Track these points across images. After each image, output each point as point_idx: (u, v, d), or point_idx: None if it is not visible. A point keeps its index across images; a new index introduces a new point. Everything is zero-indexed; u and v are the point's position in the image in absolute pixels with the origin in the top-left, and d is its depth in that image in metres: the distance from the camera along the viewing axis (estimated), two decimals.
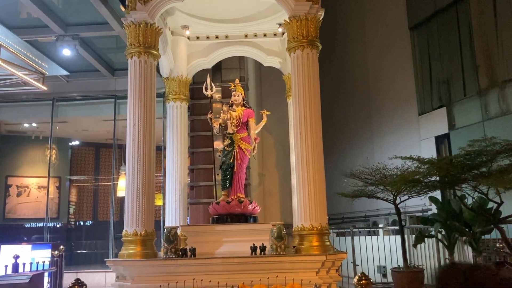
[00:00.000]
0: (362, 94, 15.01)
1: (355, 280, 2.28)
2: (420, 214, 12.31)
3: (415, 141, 12.63)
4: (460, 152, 6.92)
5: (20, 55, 6.05)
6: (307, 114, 5.94)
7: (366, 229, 11.46)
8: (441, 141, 11.84)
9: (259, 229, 6.23)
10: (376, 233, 11.22)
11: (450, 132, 11.45)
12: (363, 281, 2.21)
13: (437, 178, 8.20)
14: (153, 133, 6.09)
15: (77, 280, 2.62)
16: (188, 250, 5.72)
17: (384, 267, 10.59)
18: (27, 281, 3.71)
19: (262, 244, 5.70)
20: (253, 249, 5.67)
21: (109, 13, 7.71)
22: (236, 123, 7.03)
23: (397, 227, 11.25)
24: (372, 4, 14.42)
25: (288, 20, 6.36)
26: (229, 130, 7.07)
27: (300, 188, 5.82)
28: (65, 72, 7.86)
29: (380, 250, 10.57)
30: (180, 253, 5.70)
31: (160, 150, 9.51)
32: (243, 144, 6.99)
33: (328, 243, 5.74)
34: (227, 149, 7.01)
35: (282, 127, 9.33)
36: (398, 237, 10.56)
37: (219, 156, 7.22)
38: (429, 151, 11.34)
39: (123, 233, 5.87)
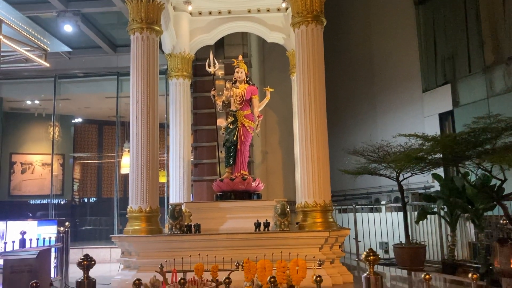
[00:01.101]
0: (365, 71, 14.87)
1: (363, 256, 2.26)
2: (422, 191, 12.35)
3: (418, 118, 12.57)
4: (464, 129, 6.89)
5: (22, 31, 5.95)
6: (311, 90, 5.89)
7: (368, 206, 11.52)
8: (445, 118, 11.78)
9: (263, 205, 6.26)
10: (378, 210, 11.28)
11: (454, 109, 11.38)
12: (371, 257, 2.18)
13: (441, 155, 8.21)
14: (156, 109, 6.06)
15: (86, 255, 2.65)
16: (192, 226, 5.76)
17: (386, 243, 10.68)
18: (34, 256, 3.76)
19: (266, 220, 5.74)
20: (257, 225, 5.71)
21: None
22: (240, 100, 6.99)
23: (399, 204, 11.31)
24: None
25: None
26: (232, 108, 7.04)
27: (304, 165, 5.82)
28: (67, 49, 7.73)
29: (382, 226, 10.65)
30: (185, 229, 5.75)
31: (163, 127, 9.49)
32: (247, 121, 6.97)
33: (331, 220, 5.77)
34: (231, 126, 7.00)
35: (285, 105, 9.28)
36: (400, 214, 10.62)
37: (223, 133, 7.21)
38: (432, 128, 11.31)
39: (128, 209, 5.91)
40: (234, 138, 6.92)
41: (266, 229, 5.72)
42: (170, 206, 5.83)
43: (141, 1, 6.17)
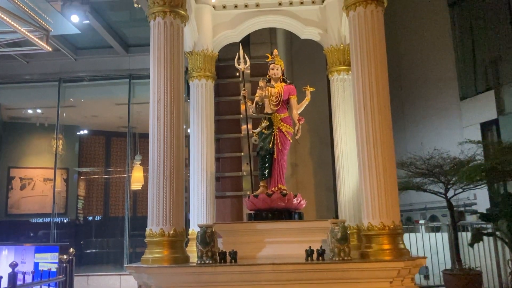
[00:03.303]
0: (391, 76, 13.87)
1: None
2: (462, 208, 11.28)
3: (456, 128, 11.56)
4: None
5: (18, 1, 4.84)
6: (373, 85, 4.81)
7: (409, 226, 10.30)
8: (488, 128, 10.76)
9: (311, 227, 5.13)
10: (413, 230, 10.11)
11: (499, 117, 10.34)
12: None
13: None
14: (182, 110, 4.98)
15: None
16: (228, 254, 4.63)
17: (426, 267, 9.53)
18: None
19: (321, 247, 4.59)
20: (309, 253, 4.57)
21: None
22: (276, 101, 5.93)
23: (441, 224, 10.22)
24: None
25: None
26: (267, 110, 5.96)
27: (366, 176, 4.69)
28: (75, 30, 6.60)
29: (421, 248, 9.45)
30: (218, 258, 4.61)
31: None
32: (284, 126, 5.89)
33: (402, 246, 4.62)
34: (265, 132, 5.89)
35: (316, 110, 8.21)
36: (443, 235, 9.54)
37: (255, 141, 6.11)
38: (473, 139, 10.23)
39: (147, 232, 4.78)
40: (270, 145, 5.81)
41: (320, 257, 4.57)
42: (199, 229, 4.70)
43: None
